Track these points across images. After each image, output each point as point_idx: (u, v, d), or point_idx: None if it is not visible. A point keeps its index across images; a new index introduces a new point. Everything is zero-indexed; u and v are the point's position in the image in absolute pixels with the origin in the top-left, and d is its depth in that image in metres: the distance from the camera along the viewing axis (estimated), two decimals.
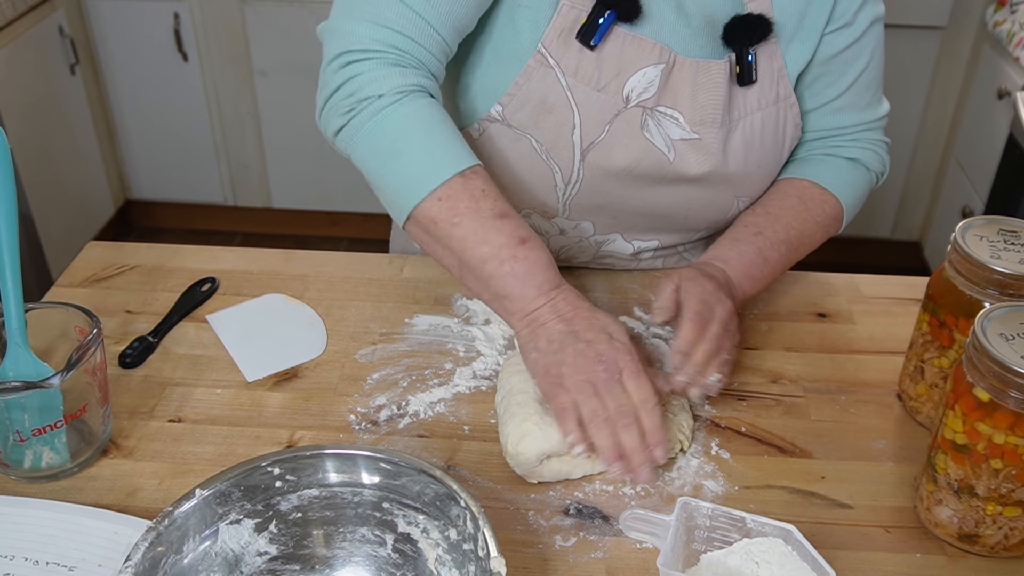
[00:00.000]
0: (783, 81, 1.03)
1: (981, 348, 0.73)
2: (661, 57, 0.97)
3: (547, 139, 0.98)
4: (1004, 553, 0.81)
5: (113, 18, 2.79)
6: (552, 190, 1.03)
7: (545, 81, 0.96)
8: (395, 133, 0.90)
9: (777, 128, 1.04)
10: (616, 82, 0.96)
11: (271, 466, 0.77)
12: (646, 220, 1.09)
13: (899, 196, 2.93)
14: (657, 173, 1.01)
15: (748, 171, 1.04)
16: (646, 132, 0.98)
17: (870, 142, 1.11)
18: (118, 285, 1.15)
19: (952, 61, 2.68)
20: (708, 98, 0.99)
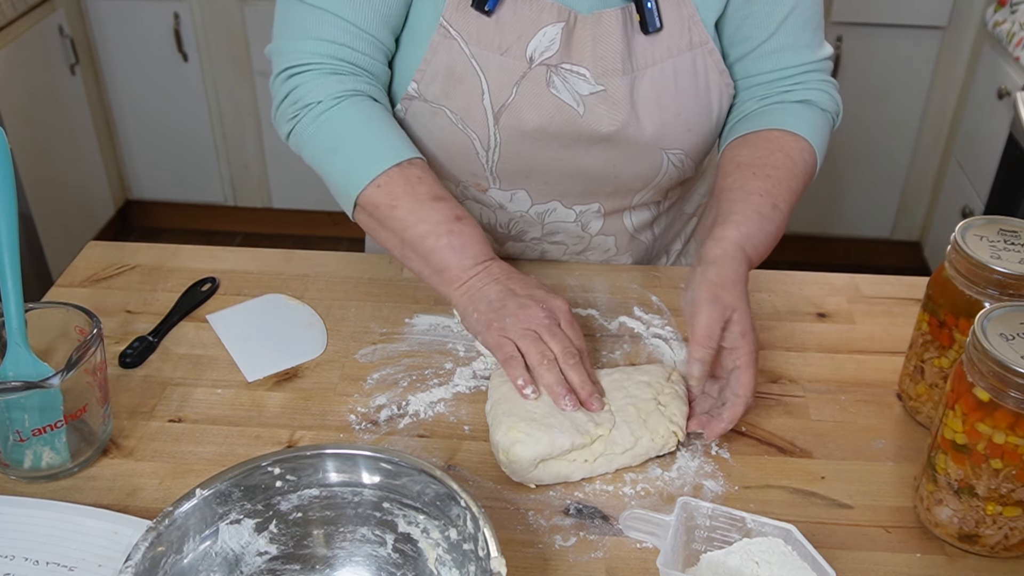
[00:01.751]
0: (696, 27, 1.01)
1: (981, 348, 0.73)
2: (560, 15, 0.99)
3: (460, 108, 1.02)
4: (1004, 553, 0.81)
5: (113, 18, 2.79)
6: (475, 158, 1.06)
7: (450, 52, 1.00)
8: (335, 133, 0.99)
9: (696, 76, 1.03)
10: (518, 44, 0.99)
11: (271, 466, 0.77)
12: (577, 182, 1.09)
13: (899, 196, 2.93)
14: (571, 130, 1.02)
15: (666, 120, 1.03)
16: (553, 89, 1.00)
17: (817, 82, 1.08)
18: (118, 285, 1.15)
19: (952, 61, 2.68)
20: (607, 48, 1.00)
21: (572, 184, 1.09)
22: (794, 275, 1.17)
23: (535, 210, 1.13)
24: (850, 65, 2.71)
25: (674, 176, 1.11)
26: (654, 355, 1.03)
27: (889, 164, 2.87)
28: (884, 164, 2.87)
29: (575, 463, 0.86)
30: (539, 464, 0.85)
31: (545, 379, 0.88)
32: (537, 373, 0.89)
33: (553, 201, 1.12)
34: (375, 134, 0.99)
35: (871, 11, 2.61)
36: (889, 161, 2.87)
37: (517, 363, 0.89)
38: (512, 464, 0.85)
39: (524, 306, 0.91)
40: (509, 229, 1.16)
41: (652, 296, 1.12)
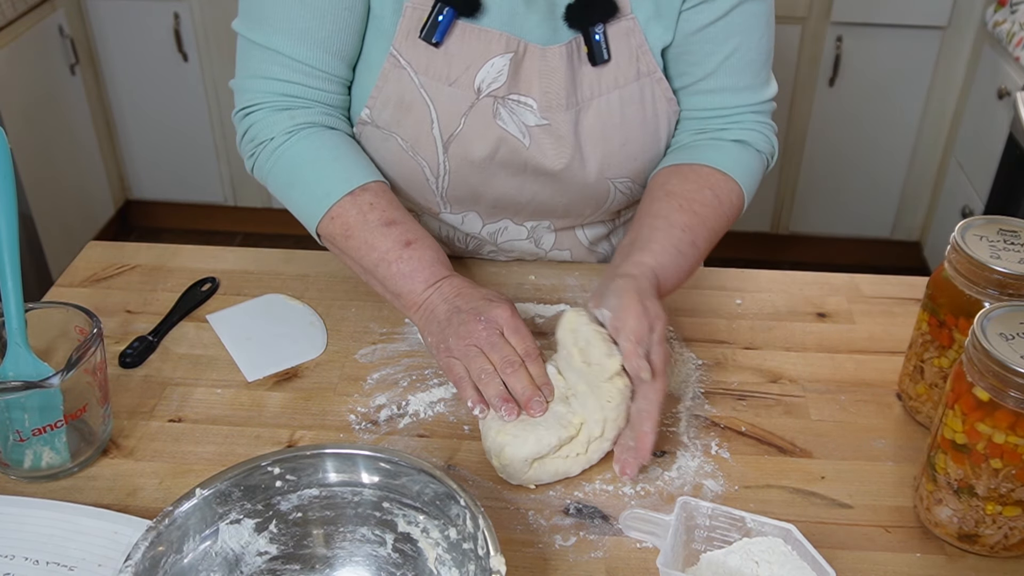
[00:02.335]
0: (644, 57, 1.01)
1: (981, 348, 0.73)
2: (508, 47, 0.99)
3: (410, 136, 1.03)
4: (1004, 553, 0.81)
5: (113, 18, 2.79)
6: (425, 184, 1.07)
7: (401, 81, 1.01)
8: (289, 168, 1.02)
9: (643, 105, 1.03)
10: (466, 75, 0.99)
11: (271, 466, 0.77)
12: (525, 207, 1.10)
13: (899, 196, 2.93)
14: (517, 160, 1.03)
15: (610, 151, 1.03)
16: (499, 121, 1.01)
17: (754, 123, 1.07)
18: (118, 285, 1.15)
19: (952, 61, 2.68)
20: (552, 83, 1.00)
21: (521, 207, 1.10)
22: (794, 275, 1.17)
23: (487, 230, 1.14)
24: (850, 65, 2.71)
25: (622, 201, 1.11)
26: None
27: (889, 164, 2.87)
28: (884, 164, 2.87)
29: (570, 459, 0.86)
30: (533, 464, 0.85)
31: (487, 392, 0.88)
32: (481, 388, 0.89)
33: (504, 220, 1.13)
34: (326, 166, 1.01)
35: (871, 11, 2.61)
36: (889, 161, 2.87)
37: (465, 384, 0.90)
38: (506, 468, 0.85)
39: (465, 323, 0.91)
40: (466, 244, 1.18)
41: None
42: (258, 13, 1.01)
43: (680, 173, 1.03)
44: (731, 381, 1.00)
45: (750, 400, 0.97)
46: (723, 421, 0.95)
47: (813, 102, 2.78)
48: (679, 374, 1.01)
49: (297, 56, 1.00)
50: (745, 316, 1.10)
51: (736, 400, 0.97)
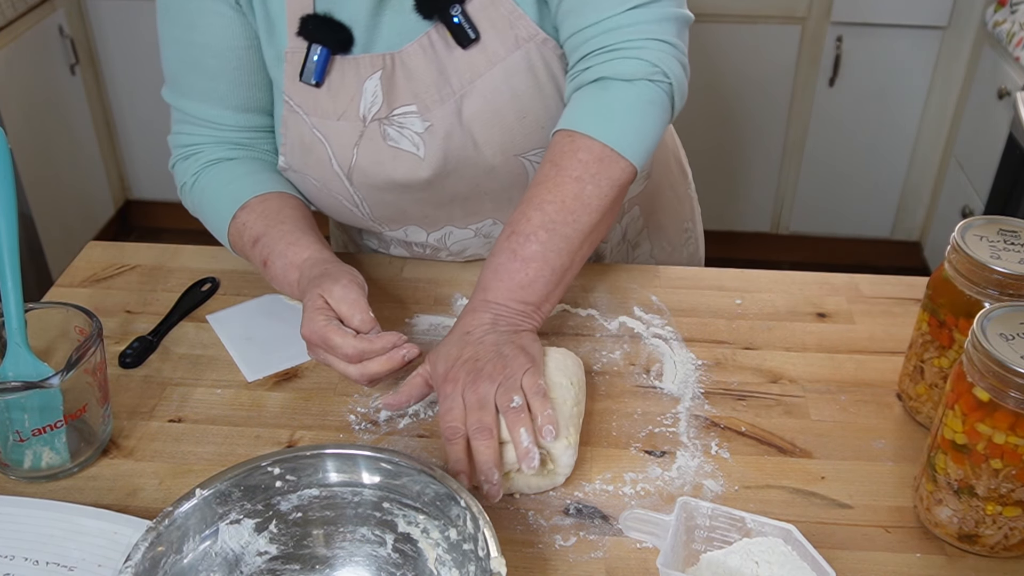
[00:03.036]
0: (520, 22, 0.96)
1: (981, 348, 0.73)
2: (375, 65, 0.99)
3: (318, 175, 1.05)
4: (1004, 553, 0.81)
5: (113, 18, 2.79)
6: (352, 213, 1.09)
7: (297, 125, 1.03)
8: (198, 208, 1.09)
9: (533, 72, 0.98)
10: (351, 107, 1.00)
11: (271, 466, 0.77)
12: (453, 209, 1.09)
13: (899, 196, 2.93)
14: (418, 173, 1.02)
15: (508, 127, 0.99)
16: (390, 142, 1.01)
17: (618, 47, 0.94)
18: (118, 285, 1.15)
19: (952, 61, 2.68)
20: (420, 81, 0.99)
21: (452, 211, 1.09)
22: (794, 275, 1.17)
23: (433, 237, 1.13)
24: (850, 65, 2.71)
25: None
26: (654, 355, 1.03)
27: (889, 164, 2.87)
28: (884, 164, 2.87)
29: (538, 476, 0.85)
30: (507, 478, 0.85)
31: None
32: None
33: (445, 227, 1.12)
34: (217, 201, 1.06)
35: (871, 11, 2.61)
36: (889, 161, 2.87)
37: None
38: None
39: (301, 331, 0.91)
40: (424, 250, 1.17)
41: (652, 296, 1.12)
42: (169, 81, 1.08)
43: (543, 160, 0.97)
44: (731, 381, 1.00)
45: (750, 400, 0.97)
46: (723, 421, 0.95)
47: (813, 102, 2.78)
48: (679, 374, 1.01)
49: (196, 113, 1.07)
50: (745, 316, 1.10)
51: (736, 400, 0.97)
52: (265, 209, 1.03)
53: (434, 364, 0.89)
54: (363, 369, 0.88)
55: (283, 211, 1.03)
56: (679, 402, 0.97)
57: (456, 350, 0.88)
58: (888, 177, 2.90)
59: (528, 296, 0.91)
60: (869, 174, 2.90)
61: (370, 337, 0.88)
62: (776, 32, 2.69)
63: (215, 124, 1.07)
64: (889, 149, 2.85)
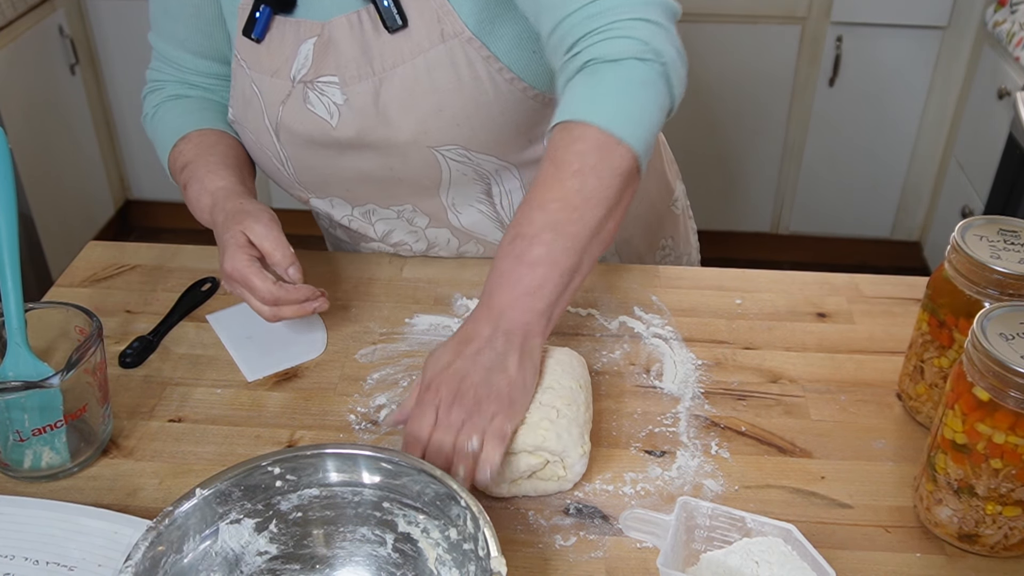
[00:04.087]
0: (448, 18, 0.96)
1: (981, 348, 0.73)
2: (312, 31, 1.02)
3: (253, 128, 1.09)
4: (1004, 553, 0.81)
5: (113, 18, 2.79)
6: (280, 172, 1.13)
7: (240, 78, 1.08)
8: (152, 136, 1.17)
9: (456, 68, 0.97)
10: (284, 67, 1.04)
11: (271, 466, 0.77)
12: (371, 187, 1.10)
13: (899, 196, 2.93)
14: (331, 141, 1.05)
15: (423, 118, 0.99)
16: (309, 105, 1.04)
17: (602, 30, 0.89)
18: (118, 285, 1.15)
19: (952, 61, 2.68)
20: (345, 55, 1.01)
21: (369, 189, 1.10)
22: (794, 275, 1.17)
23: (358, 211, 1.14)
24: (850, 65, 2.71)
25: (467, 172, 1.05)
26: (654, 355, 1.03)
27: (889, 164, 2.87)
28: (884, 164, 2.87)
29: (549, 482, 0.85)
30: (513, 482, 0.85)
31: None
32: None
33: (368, 204, 1.13)
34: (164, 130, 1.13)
35: (871, 11, 2.61)
36: (889, 161, 2.87)
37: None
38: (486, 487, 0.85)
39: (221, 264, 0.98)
40: (350, 233, 1.19)
41: (652, 296, 1.12)
42: (151, 19, 1.16)
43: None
44: (731, 381, 1.00)
45: (750, 400, 0.97)
46: (723, 421, 0.95)
47: (813, 102, 2.78)
48: (679, 374, 1.01)
49: (164, 52, 1.16)
50: (745, 316, 1.10)
51: (736, 400, 0.97)
52: (201, 141, 1.10)
53: (427, 366, 0.87)
54: (276, 312, 0.96)
55: (217, 145, 1.10)
56: (679, 402, 0.97)
57: (449, 357, 0.85)
58: (888, 177, 2.90)
59: (536, 303, 0.85)
60: (869, 174, 2.90)
61: (287, 287, 0.95)
62: (776, 32, 2.69)
63: (176, 64, 1.16)
64: (889, 149, 2.85)
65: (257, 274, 0.94)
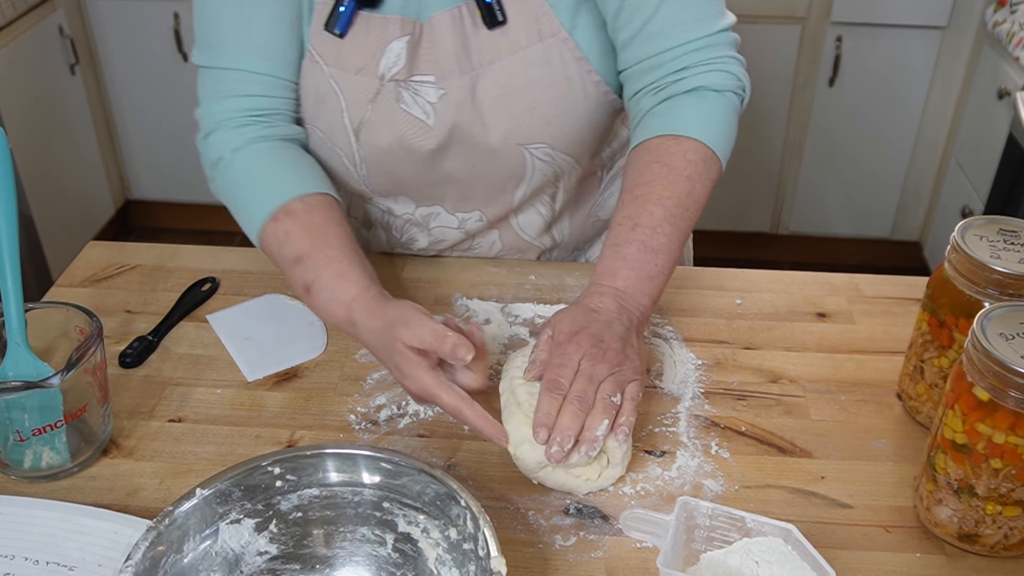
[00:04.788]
0: (546, 17, 0.99)
1: (981, 348, 0.73)
2: (404, 29, 1.00)
3: (326, 128, 1.06)
4: (1004, 553, 0.81)
5: (113, 18, 2.79)
6: (348, 173, 1.09)
7: (315, 75, 1.04)
8: (231, 189, 1.05)
9: (551, 67, 1.00)
10: (371, 63, 1.02)
11: (271, 466, 0.77)
12: (447, 189, 1.10)
13: (899, 196, 2.93)
14: (425, 140, 1.04)
15: (517, 115, 1.02)
16: (403, 105, 1.02)
17: (709, 63, 1.01)
18: (118, 285, 1.15)
19: (952, 61, 2.68)
20: (443, 50, 1.00)
21: (445, 190, 1.10)
22: (794, 275, 1.17)
23: (420, 212, 1.14)
24: (850, 65, 2.71)
25: (547, 172, 1.09)
26: (654, 355, 1.03)
27: (889, 164, 2.87)
28: (884, 164, 2.87)
29: (580, 479, 0.86)
30: (544, 467, 0.85)
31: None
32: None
33: (436, 205, 1.13)
34: (257, 188, 1.02)
35: (871, 11, 2.61)
36: (889, 161, 2.87)
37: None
38: (517, 461, 0.85)
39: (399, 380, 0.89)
40: (401, 235, 1.18)
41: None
42: (214, 38, 1.03)
43: (633, 157, 1.00)
44: (731, 381, 1.00)
45: (750, 400, 0.97)
46: (723, 421, 0.95)
47: (813, 102, 2.78)
48: (679, 374, 1.01)
49: (255, 68, 1.03)
50: (745, 316, 1.10)
51: (736, 400, 0.97)
52: (311, 223, 0.99)
53: (558, 323, 0.90)
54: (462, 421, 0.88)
55: (328, 227, 0.99)
56: (679, 402, 0.97)
57: (584, 319, 0.89)
58: (888, 177, 2.90)
59: (651, 289, 0.93)
60: (869, 174, 2.89)
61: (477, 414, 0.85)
62: (776, 32, 2.69)
63: (273, 79, 1.04)
64: (889, 149, 2.85)
65: (445, 389, 0.85)
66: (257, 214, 1.00)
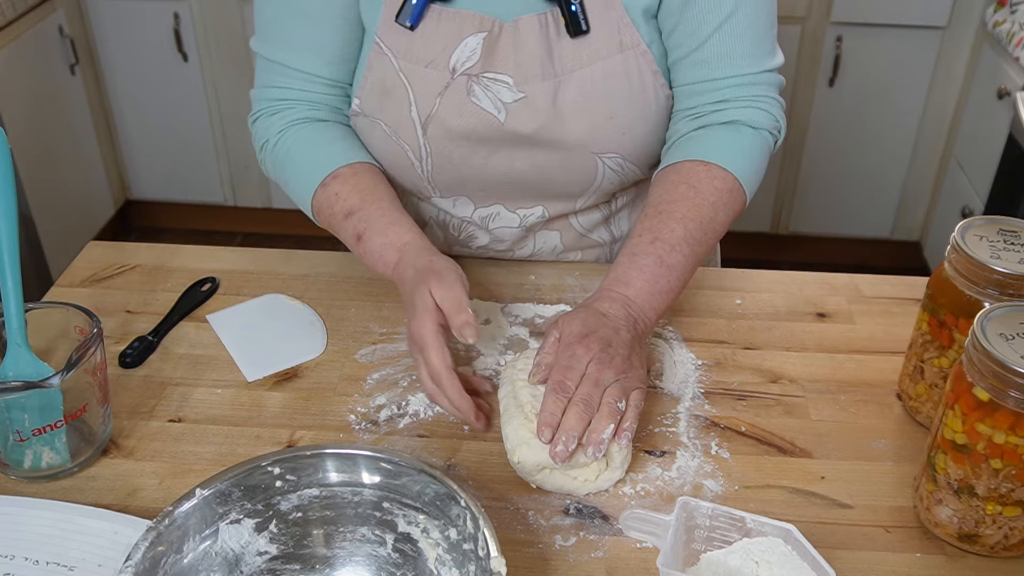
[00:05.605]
0: (626, 29, 1.00)
1: (981, 348, 0.73)
2: (482, 25, 1.01)
3: (392, 120, 1.05)
4: (1004, 553, 0.81)
5: (113, 18, 2.79)
6: (411, 168, 1.09)
7: (383, 67, 1.04)
8: (281, 166, 1.09)
9: (629, 78, 1.02)
10: (442, 56, 1.02)
11: (271, 466, 0.77)
12: (513, 188, 1.10)
13: (899, 196, 2.93)
14: (494, 135, 1.04)
15: (596, 123, 1.03)
16: (473, 98, 1.02)
17: (751, 99, 1.04)
18: (118, 285, 1.15)
19: (952, 61, 2.68)
20: (526, 54, 1.01)
21: (510, 189, 1.10)
22: (794, 275, 1.17)
23: (478, 214, 1.14)
24: (850, 65, 2.71)
25: (615, 181, 1.10)
26: (654, 355, 1.03)
27: (889, 164, 2.87)
28: (884, 164, 2.87)
29: (577, 480, 0.86)
30: (542, 470, 0.85)
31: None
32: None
33: (496, 204, 1.13)
34: (305, 158, 1.06)
35: (871, 11, 2.61)
36: (889, 161, 2.87)
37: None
38: (517, 466, 0.85)
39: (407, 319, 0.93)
40: (459, 232, 1.18)
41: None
42: (262, 29, 1.08)
43: (662, 177, 1.03)
44: (731, 381, 1.00)
45: (750, 400, 0.97)
46: (723, 421, 0.95)
47: (813, 102, 2.78)
48: (679, 374, 1.01)
49: (292, 64, 1.07)
50: (745, 316, 1.10)
51: (736, 400, 0.97)
52: (359, 182, 1.04)
53: (567, 324, 0.90)
54: (434, 394, 0.91)
55: (377, 188, 1.04)
56: (679, 402, 0.97)
57: (594, 323, 0.90)
58: (888, 177, 2.90)
59: (659, 304, 0.95)
60: (869, 174, 2.89)
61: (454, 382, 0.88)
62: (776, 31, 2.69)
63: (308, 75, 1.07)
64: (889, 149, 2.85)
65: (436, 349, 0.88)
66: (307, 185, 1.05)
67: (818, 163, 2.89)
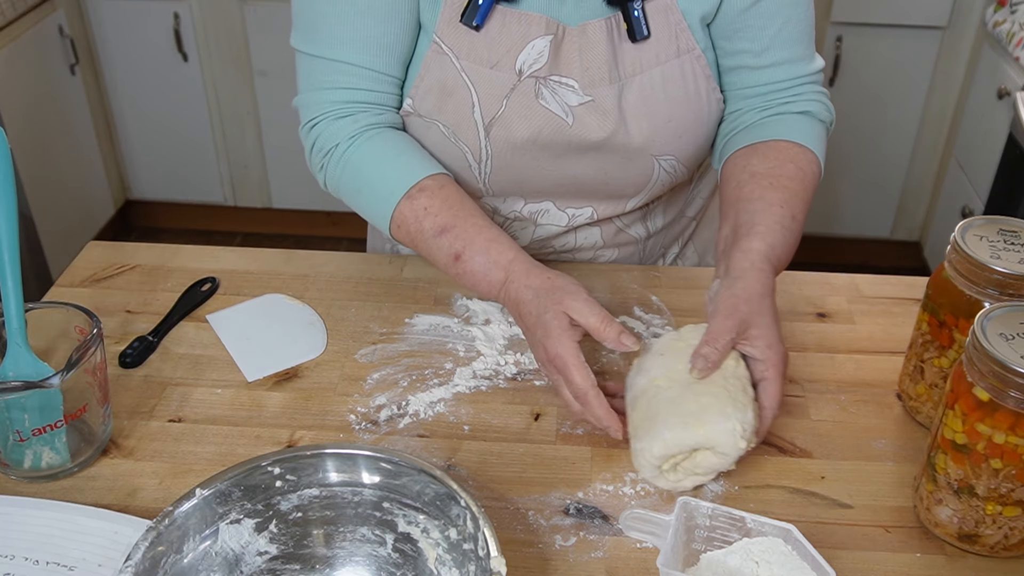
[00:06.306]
0: (683, 34, 1.03)
1: (981, 348, 0.73)
2: (548, 29, 1.00)
3: (452, 122, 1.04)
4: (1004, 553, 0.81)
5: (113, 18, 2.79)
6: (468, 170, 1.08)
7: (443, 67, 1.02)
8: (354, 174, 1.04)
9: (685, 82, 1.04)
10: (507, 58, 1.01)
11: (271, 466, 0.77)
12: (569, 190, 1.10)
13: (899, 196, 2.93)
14: (561, 140, 1.04)
15: (656, 127, 1.04)
16: (541, 100, 1.02)
17: (813, 94, 1.10)
18: (118, 285, 1.15)
19: (952, 61, 2.68)
20: (593, 58, 1.01)
21: (565, 191, 1.11)
22: (794, 275, 1.17)
23: (528, 209, 1.14)
24: (850, 65, 2.71)
25: (666, 182, 1.12)
26: None
27: (889, 164, 2.87)
28: (884, 164, 2.87)
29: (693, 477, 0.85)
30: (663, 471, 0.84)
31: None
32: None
33: (547, 201, 1.13)
34: (385, 167, 1.03)
35: (871, 11, 2.61)
36: (889, 161, 2.87)
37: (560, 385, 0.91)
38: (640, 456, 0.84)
39: (536, 346, 0.92)
40: (503, 226, 1.17)
41: (652, 296, 1.12)
42: (316, 26, 1.02)
43: (758, 152, 1.04)
44: None
45: None
46: None
47: None
48: None
49: (361, 63, 1.02)
50: None
51: None
52: (447, 196, 1.00)
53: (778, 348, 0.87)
54: (580, 412, 0.90)
55: (465, 202, 1.01)
56: None
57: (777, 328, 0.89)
58: (888, 177, 2.90)
59: (780, 266, 0.97)
60: (869, 174, 2.89)
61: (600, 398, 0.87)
62: None
63: (377, 73, 1.04)
64: (889, 149, 2.85)
65: (579, 368, 0.87)
66: (388, 196, 1.01)
67: None
